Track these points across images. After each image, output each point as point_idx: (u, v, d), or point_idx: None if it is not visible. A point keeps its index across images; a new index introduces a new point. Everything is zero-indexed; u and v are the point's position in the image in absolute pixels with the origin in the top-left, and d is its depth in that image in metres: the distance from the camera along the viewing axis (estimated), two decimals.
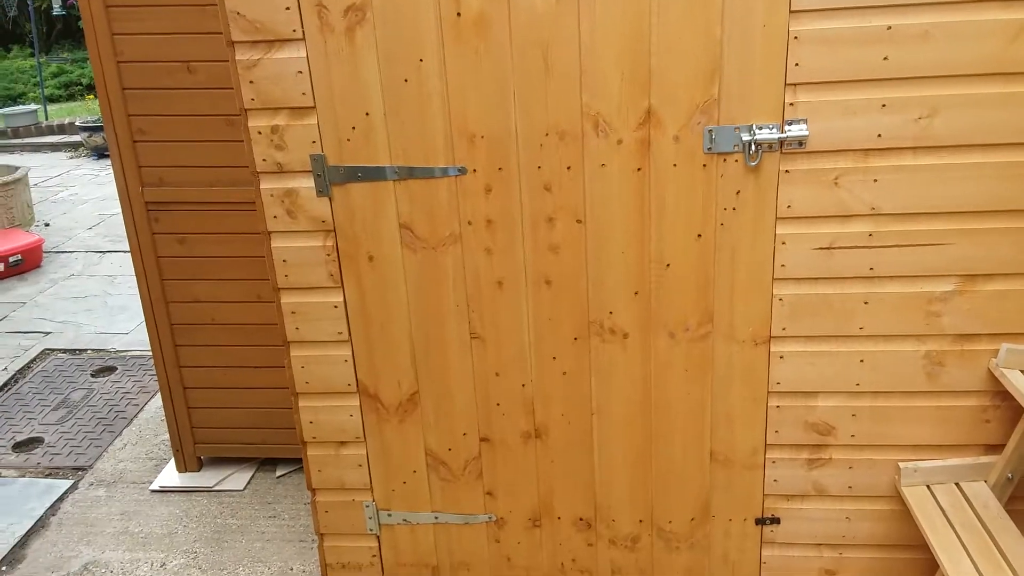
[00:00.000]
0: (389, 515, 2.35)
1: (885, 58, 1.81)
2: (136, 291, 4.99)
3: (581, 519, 2.30)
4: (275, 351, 2.95)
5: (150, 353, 4.26)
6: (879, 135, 1.86)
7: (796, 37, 1.81)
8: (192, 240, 2.89)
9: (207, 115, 2.72)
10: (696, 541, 2.27)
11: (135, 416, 3.69)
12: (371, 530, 2.37)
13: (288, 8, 1.91)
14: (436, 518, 2.34)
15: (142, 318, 4.67)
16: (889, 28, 1.79)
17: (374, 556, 2.40)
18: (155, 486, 3.14)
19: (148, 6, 2.62)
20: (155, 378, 3.98)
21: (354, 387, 2.24)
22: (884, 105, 1.84)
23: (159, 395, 3.78)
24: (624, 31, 1.85)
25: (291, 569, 2.68)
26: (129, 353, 4.31)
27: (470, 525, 2.34)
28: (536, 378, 2.17)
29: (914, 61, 1.80)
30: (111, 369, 4.14)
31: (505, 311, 2.11)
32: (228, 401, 3.09)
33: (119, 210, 6.91)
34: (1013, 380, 1.94)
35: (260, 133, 2.02)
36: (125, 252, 5.76)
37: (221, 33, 1.96)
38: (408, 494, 2.33)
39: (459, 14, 1.88)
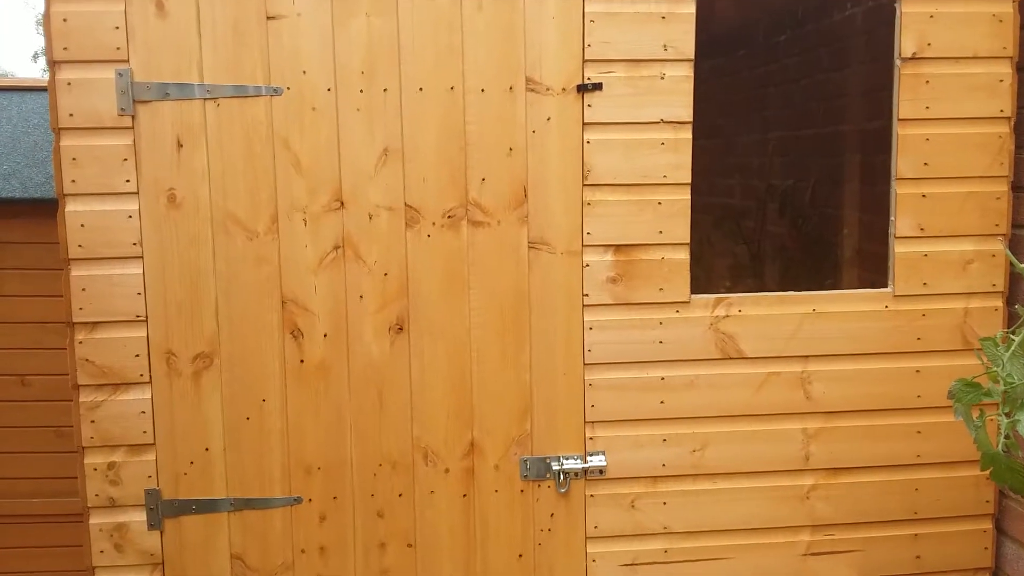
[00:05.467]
0: None
1: (662, 402, 2.19)
2: None
3: None
4: None
5: None
6: (663, 464, 2.20)
7: (591, 384, 2.17)
8: (4, 555, 2.73)
9: (37, 426, 2.71)
10: None
11: None
12: None
13: (138, 355, 2.06)
14: None
15: None
16: (663, 379, 2.19)
17: None
18: None
19: None
20: None
21: None
22: (664, 440, 2.19)
23: None
24: (450, 375, 2.14)
25: None
26: None
27: None
28: None
29: (685, 405, 2.19)
30: None
31: None
32: None
33: None
34: None
35: (96, 470, 2.06)
36: None
37: (59, 349, 2.05)
38: None
39: (302, 361, 2.10)
